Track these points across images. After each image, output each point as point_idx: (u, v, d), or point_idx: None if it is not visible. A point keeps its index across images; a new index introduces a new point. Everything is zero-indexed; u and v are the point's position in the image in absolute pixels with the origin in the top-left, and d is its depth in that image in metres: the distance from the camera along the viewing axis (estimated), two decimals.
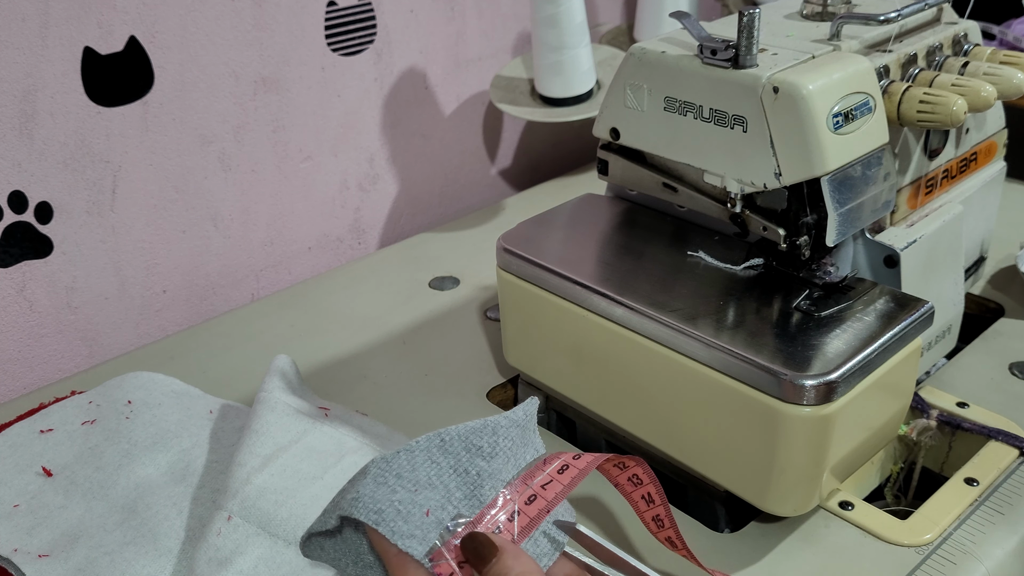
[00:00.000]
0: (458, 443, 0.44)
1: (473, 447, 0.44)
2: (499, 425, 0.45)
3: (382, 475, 0.43)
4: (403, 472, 0.43)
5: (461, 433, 0.44)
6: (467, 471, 0.44)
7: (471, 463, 0.44)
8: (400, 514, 0.42)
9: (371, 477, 0.42)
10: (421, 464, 0.43)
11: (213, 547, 0.56)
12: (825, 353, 0.56)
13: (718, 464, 0.60)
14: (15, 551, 0.59)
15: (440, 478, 0.43)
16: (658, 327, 0.59)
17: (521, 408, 0.48)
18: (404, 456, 0.43)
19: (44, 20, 0.75)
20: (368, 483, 0.42)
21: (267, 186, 0.94)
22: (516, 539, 0.42)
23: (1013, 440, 0.66)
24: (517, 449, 0.46)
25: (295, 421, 0.64)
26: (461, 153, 1.11)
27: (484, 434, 0.45)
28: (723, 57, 0.59)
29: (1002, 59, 0.68)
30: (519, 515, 0.43)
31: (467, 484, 0.44)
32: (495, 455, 0.45)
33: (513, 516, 0.43)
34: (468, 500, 0.43)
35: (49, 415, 0.70)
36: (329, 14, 0.93)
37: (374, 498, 0.42)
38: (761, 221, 0.62)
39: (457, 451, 0.44)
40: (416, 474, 0.43)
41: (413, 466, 0.43)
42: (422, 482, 0.43)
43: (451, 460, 0.44)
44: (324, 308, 0.89)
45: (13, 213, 0.78)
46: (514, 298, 0.69)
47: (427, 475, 0.43)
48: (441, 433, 0.44)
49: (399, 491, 0.42)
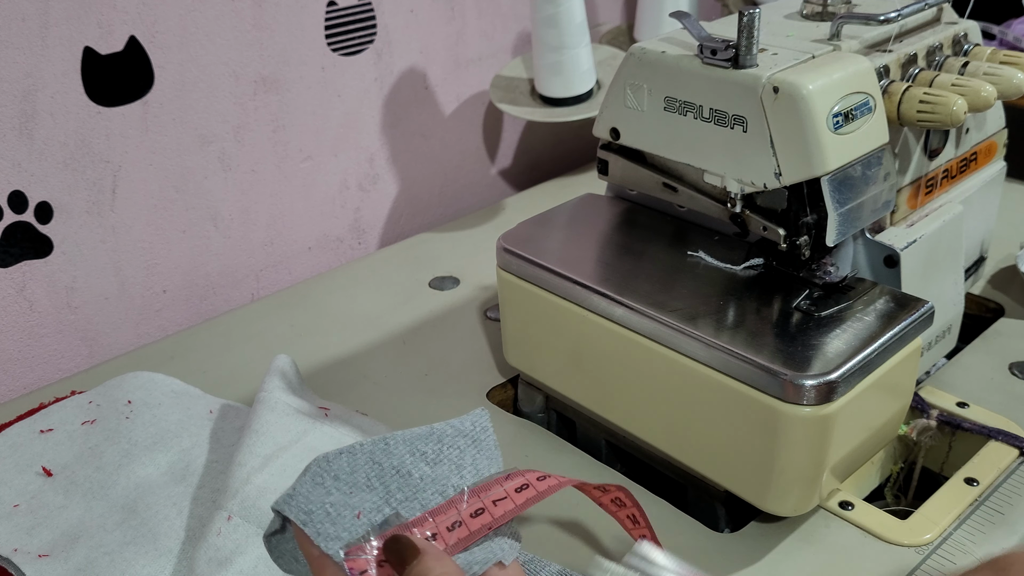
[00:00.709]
0: (403, 447, 0.44)
1: (418, 452, 0.44)
2: (444, 433, 0.45)
3: (320, 475, 0.43)
4: (341, 474, 0.43)
5: (407, 438, 0.44)
6: (410, 473, 0.44)
7: (414, 466, 0.44)
8: (329, 516, 0.41)
9: (310, 475, 0.43)
10: (361, 466, 0.43)
11: (213, 547, 0.56)
12: (825, 353, 0.56)
13: (718, 464, 0.60)
14: (15, 551, 0.59)
15: (381, 479, 0.43)
16: (658, 327, 0.59)
17: (469, 419, 0.47)
18: (346, 458, 0.43)
19: (44, 20, 0.75)
20: (306, 481, 0.42)
21: (267, 186, 0.94)
22: (449, 549, 0.42)
23: (1013, 440, 0.66)
24: (468, 459, 0.46)
25: (295, 421, 0.64)
26: (461, 153, 1.11)
27: (430, 441, 0.45)
28: (723, 57, 0.59)
29: (1002, 59, 0.68)
30: (460, 526, 0.42)
31: (409, 487, 0.43)
32: (439, 462, 0.44)
33: (454, 526, 0.42)
34: (409, 503, 0.43)
35: (49, 415, 0.70)
36: (329, 14, 0.93)
37: (308, 498, 0.42)
38: (761, 221, 0.62)
39: (401, 454, 0.44)
40: (355, 476, 0.43)
41: (353, 468, 0.43)
42: (360, 484, 0.43)
43: (394, 462, 0.44)
44: (324, 308, 0.89)
45: (13, 213, 0.78)
46: (514, 298, 0.69)
47: (366, 477, 0.43)
48: (387, 437, 0.44)
49: (334, 493, 0.42)
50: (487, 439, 0.47)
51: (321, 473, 0.43)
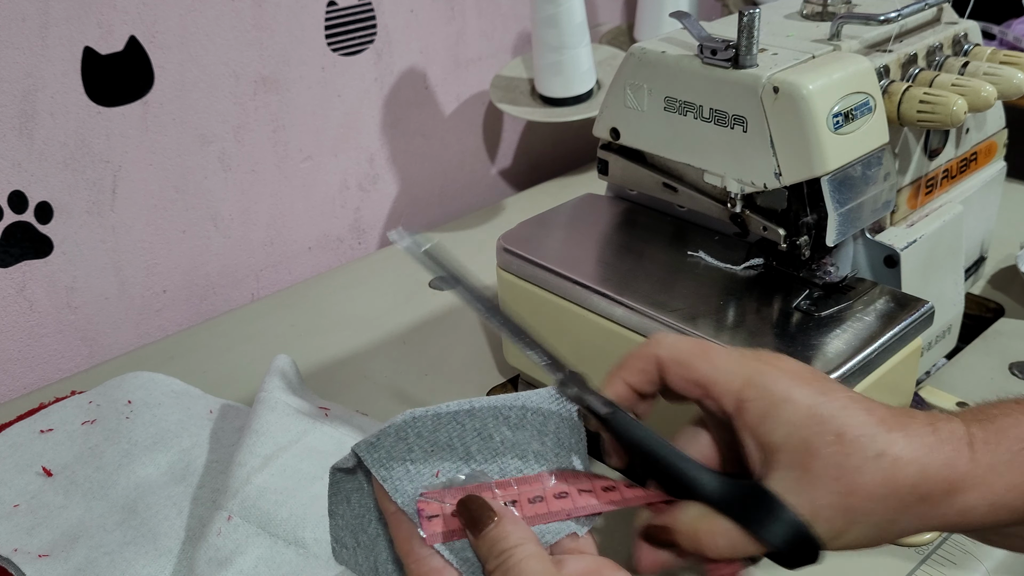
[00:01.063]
0: (487, 411, 0.44)
1: (501, 416, 0.44)
2: (529, 400, 0.46)
3: (404, 430, 0.43)
4: (424, 432, 0.43)
5: (492, 403, 0.45)
6: (491, 436, 0.44)
7: (496, 429, 0.44)
8: (408, 474, 0.42)
9: (394, 428, 0.43)
10: (444, 425, 0.43)
11: (213, 547, 0.56)
12: (825, 353, 0.56)
13: None
14: (15, 551, 0.59)
15: (462, 439, 0.43)
16: (658, 327, 0.59)
17: (556, 400, 0.47)
18: (431, 418, 0.43)
19: (44, 20, 0.75)
20: (390, 432, 0.43)
21: (267, 186, 0.94)
22: (526, 520, 0.42)
23: None
24: (551, 427, 0.46)
25: (295, 421, 0.64)
26: (461, 153, 1.11)
27: (514, 407, 0.45)
28: (723, 57, 0.59)
29: (1002, 59, 0.68)
30: (540, 501, 0.43)
31: (489, 449, 0.44)
32: (522, 427, 0.45)
33: (535, 500, 0.43)
34: (488, 464, 0.43)
35: (49, 415, 0.70)
36: (329, 14, 0.93)
37: (390, 452, 0.42)
38: (761, 221, 0.62)
39: (484, 416, 0.44)
40: (436, 435, 0.43)
41: (436, 427, 0.43)
42: (441, 443, 0.43)
43: (476, 423, 0.44)
44: (324, 308, 0.89)
45: (13, 213, 0.78)
46: (514, 298, 0.69)
47: (447, 437, 0.43)
48: (472, 401, 0.44)
49: (415, 450, 0.42)
50: (571, 409, 0.47)
51: (405, 428, 0.43)
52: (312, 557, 0.56)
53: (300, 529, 0.56)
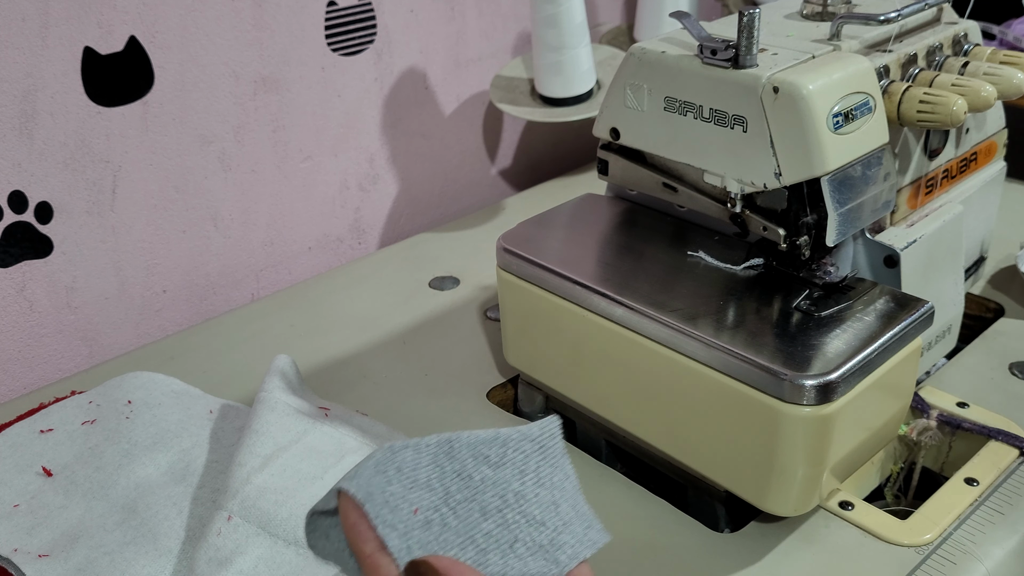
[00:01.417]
0: (466, 450, 0.44)
1: (481, 455, 0.44)
2: (510, 438, 0.45)
3: (383, 464, 0.42)
4: (404, 467, 0.43)
5: (471, 442, 0.44)
6: (471, 476, 0.44)
7: (476, 469, 0.44)
8: (388, 504, 0.41)
9: (373, 463, 0.42)
10: (424, 466, 0.43)
11: (213, 547, 0.56)
12: (825, 353, 0.56)
13: (718, 464, 0.60)
14: (15, 551, 0.59)
15: (441, 481, 0.43)
16: (658, 327, 0.59)
17: (537, 425, 0.47)
18: (411, 453, 0.43)
19: (44, 20, 0.75)
20: (368, 467, 0.42)
21: (267, 186, 0.94)
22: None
23: (1013, 440, 0.66)
24: (532, 465, 0.45)
25: (295, 421, 0.64)
26: (461, 153, 1.11)
27: (494, 444, 0.45)
28: (723, 57, 0.59)
29: (1002, 59, 0.68)
30: None
31: (468, 488, 0.43)
32: (502, 465, 0.44)
33: None
34: (467, 504, 0.43)
35: (49, 415, 0.70)
36: (329, 14, 0.93)
37: (369, 482, 0.42)
38: (761, 221, 0.62)
39: (464, 457, 0.44)
40: (416, 473, 0.43)
41: (416, 465, 0.43)
42: (420, 482, 0.43)
43: (456, 465, 0.44)
44: (324, 308, 0.89)
45: (13, 213, 0.78)
46: (514, 298, 0.69)
47: (427, 477, 0.43)
48: (451, 439, 0.44)
49: (394, 483, 0.42)
50: (554, 446, 0.47)
51: (384, 462, 0.42)
52: (312, 557, 0.56)
53: (300, 529, 0.56)
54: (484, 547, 0.43)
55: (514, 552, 0.43)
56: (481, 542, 0.43)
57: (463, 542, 0.43)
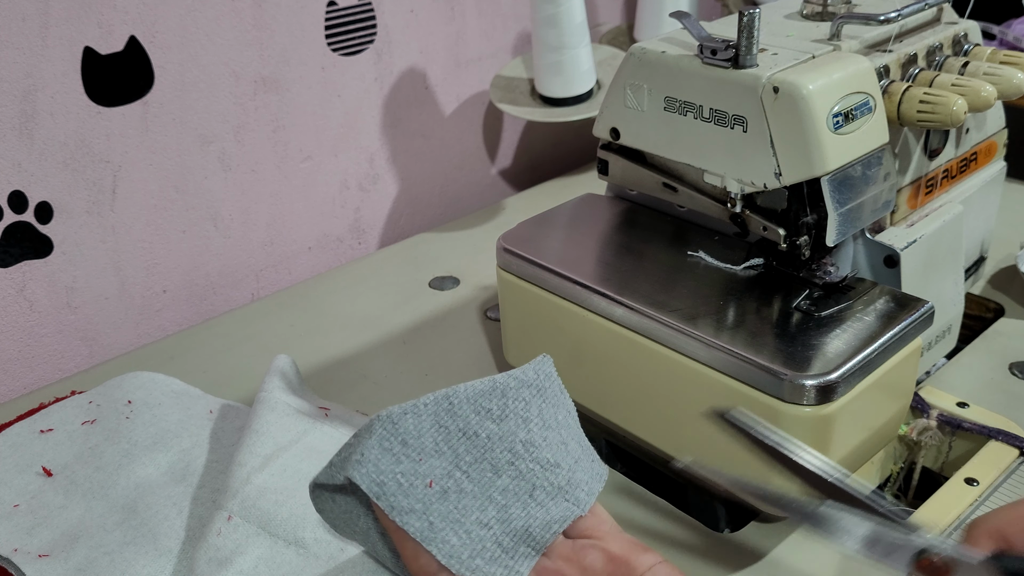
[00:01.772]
0: (467, 406, 0.43)
1: (482, 409, 0.44)
2: (507, 387, 0.45)
3: (387, 439, 0.42)
4: (409, 439, 0.42)
5: (470, 395, 0.44)
6: (476, 434, 0.43)
7: (480, 426, 0.43)
8: (401, 487, 0.41)
9: (376, 439, 0.42)
10: (428, 429, 0.43)
11: (213, 547, 0.56)
12: (825, 353, 0.55)
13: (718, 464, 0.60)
14: (15, 551, 0.59)
15: (448, 443, 0.43)
16: (658, 327, 0.59)
17: (532, 367, 0.46)
18: (411, 419, 0.42)
19: (44, 20, 0.75)
20: (373, 445, 0.42)
21: (267, 186, 0.94)
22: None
23: (1013, 440, 0.66)
24: (534, 411, 0.45)
25: (295, 421, 0.64)
26: (461, 153, 1.11)
27: (493, 396, 0.44)
28: (723, 57, 0.59)
29: (1002, 59, 0.68)
30: None
31: (477, 448, 0.43)
32: (505, 418, 0.44)
33: None
34: (477, 464, 0.43)
35: (49, 415, 0.70)
36: (329, 14, 0.93)
37: (378, 466, 0.41)
38: (761, 221, 0.62)
39: (466, 414, 0.43)
40: (422, 441, 0.42)
41: (419, 431, 0.43)
42: (428, 449, 0.42)
43: (459, 423, 0.43)
44: (324, 308, 0.89)
45: (13, 213, 0.78)
46: (514, 298, 0.69)
47: (433, 441, 0.43)
48: (449, 395, 0.43)
49: (403, 461, 0.42)
50: (552, 386, 0.46)
51: (388, 437, 0.42)
52: (312, 557, 0.56)
53: (300, 529, 0.56)
54: (503, 503, 0.43)
55: (535, 500, 0.43)
56: (499, 499, 0.43)
57: (482, 504, 0.43)
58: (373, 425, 0.43)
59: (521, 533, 0.42)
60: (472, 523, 0.42)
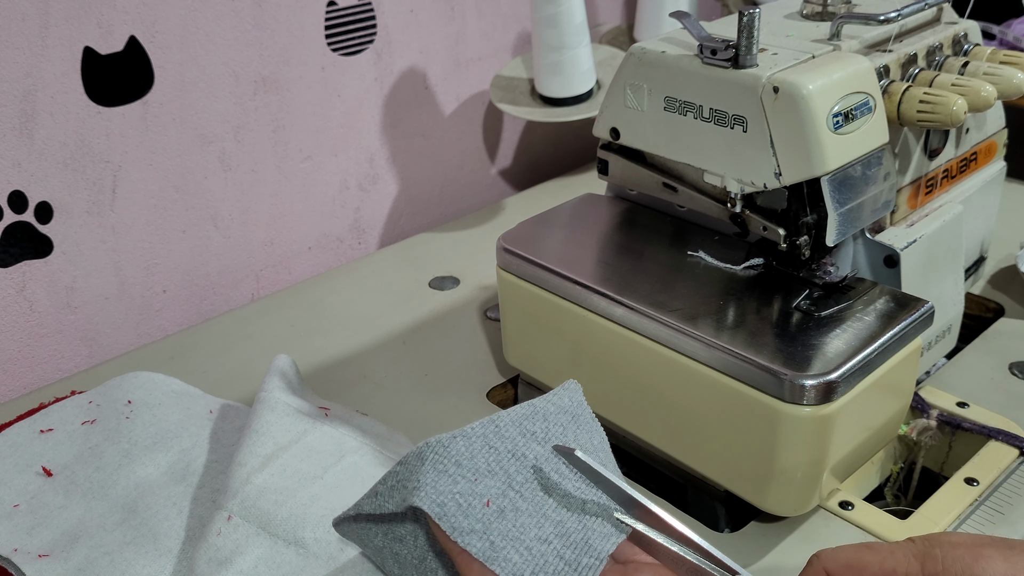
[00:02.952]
0: (513, 428, 0.44)
1: (528, 432, 0.44)
2: (547, 412, 0.45)
3: (441, 462, 0.42)
4: (462, 460, 0.43)
5: (514, 419, 0.44)
6: (524, 455, 0.44)
7: (527, 447, 0.44)
8: (461, 508, 0.42)
9: (429, 464, 0.42)
10: (479, 451, 0.43)
11: (213, 547, 0.56)
12: (825, 353, 0.56)
13: (718, 464, 0.60)
14: (15, 551, 0.59)
15: (499, 464, 0.43)
16: (658, 327, 0.59)
17: (565, 394, 0.47)
18: (462, 441, 0.43)
19: (44, 20, 0.75)
20: (428, 471, 0.42)
21: (267, 186, 0.94)
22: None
23: (1013, 440, 0.66)
24: (571, 436, 0.45)
25: (295, 421, 0.64)
26: (461, 153, 1.11)
27: (536, 419, 0.45)
28: (723, 57, 0.59)
29: (1002, 59, 0.68)
30: None
31: (525, 468, 0.43)
32: (548, 440, 0.45)
33: None
34: (528, 485, 0.43)
35: (49, 415, 0.70)
36: (329, 14, 0.93)
37: (436, 488, 0.42)
38: (761, 221, 0.62)
39: (513, 436, 0.44)
40: (475, 462, 0.43)
41: (471, 453, 0.43)
42: (481, 470, 0.43)
43: (507, 444, 0.43)
44: (324, 308, 0.89)
45: (13, 213, 0.78)
46: (514, 298, 0.69)
47: (486, 462, 0.43)
48: (495, 419, 0.44)
49: (460, 481, 0.42)
50: (584, 413, 0.47)
51: (441, 460, 0.42)
52: (312, 557, 0.56)
53: (300, 529, 0.56)
54: (558, 519, 0.43)
55: (588, 513, 0.44)
56: (554, 515, 0.43)
57: (538, 521, 0.43)
58: (422, 452, 0.43)
59: (581, 545, 0.42)
60: (532, 539, 0.42)
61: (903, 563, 0.40)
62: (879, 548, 0.41)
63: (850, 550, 0.42)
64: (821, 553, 0.43)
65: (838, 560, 0.42)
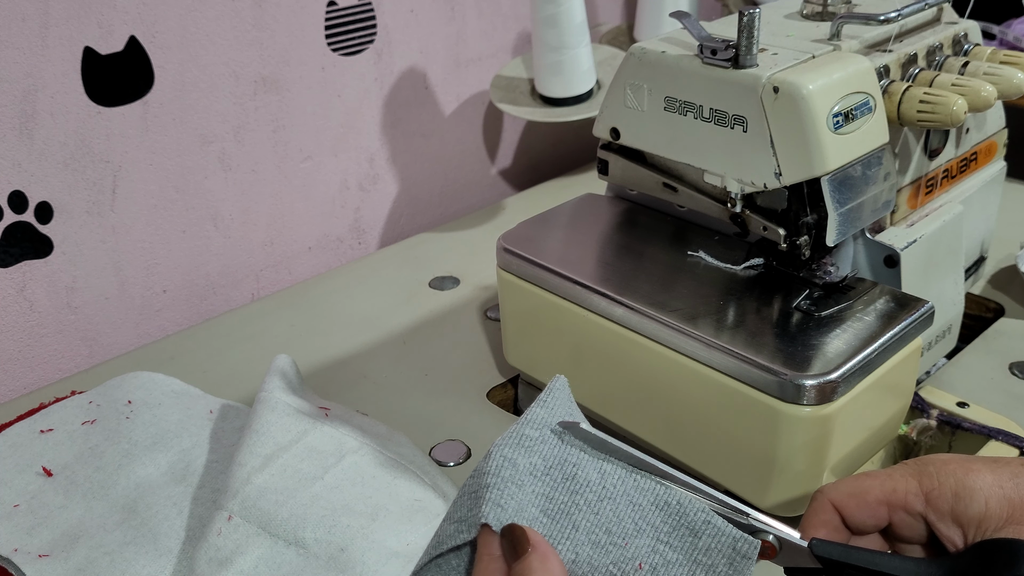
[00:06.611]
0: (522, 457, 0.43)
1: (522, 447, 0.43)
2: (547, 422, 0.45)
3: (499, 473, 0.41)
4: (516, 471, 0.42)
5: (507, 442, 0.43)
6: (516, 464, 0.43)
7: (519, 457, 0.43)
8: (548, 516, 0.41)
9: (500, 480, 0.41)
10: (540, 477, 0.42)
11: (213, 547, 0.56)
12: (825, 353, 0.56)
13: (718, 464, 0.60)
14: (15, 551, 0.59)
15: (549, 476, 0.43)
16: (658, 327, 0.59)
17: (556, 395, 0.46)
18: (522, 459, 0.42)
19: (44, 20, 0.75)
20: (499, 485, 0.41)
21: (267, 186, 0.94)
22: None
23: (1013, 440, 0.66)
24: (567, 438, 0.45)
25: (295, 421, 0.64)
26: (461, 153, 1.11)
27: (529, 426, 0.44)
28: (723, 57, 0.59)
29: (1002, 59, 0.68)
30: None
31: (569, 488, 0.43)
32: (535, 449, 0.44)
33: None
34: (587, 508, 0.43)
35: (49, 415, 0.70)
36: (329, 14, 0.93)
37: (501, 502, 0.40)
38: (761, 221, 0.62)
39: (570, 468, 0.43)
40: (520, 475, 0.42)
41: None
42: (536, 492, 0.42)
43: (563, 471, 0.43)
44: (324, 308, 0.89)
45: (13, 213, 0.78)
46: (514, 298, 0.69)
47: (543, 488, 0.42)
48: (510, 460, 0.42)
49: (522, 489, 0.41)
50: (575, 412, 0.46)
51: (502, 473, 0.41)
52: (312, 557, 0.56)
53: (300, 529, 0.56)
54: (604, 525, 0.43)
55: (639, 506, 0.43)
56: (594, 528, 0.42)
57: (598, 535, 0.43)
58: (481, 482, 0.42)
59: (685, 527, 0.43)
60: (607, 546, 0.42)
61: (902, 482, 0.42)
62: (877, 473, 0.43)
63: (850, 480, 0.44)
64: (824, 488, 0.44)
65: (841, 491, 0.43)
